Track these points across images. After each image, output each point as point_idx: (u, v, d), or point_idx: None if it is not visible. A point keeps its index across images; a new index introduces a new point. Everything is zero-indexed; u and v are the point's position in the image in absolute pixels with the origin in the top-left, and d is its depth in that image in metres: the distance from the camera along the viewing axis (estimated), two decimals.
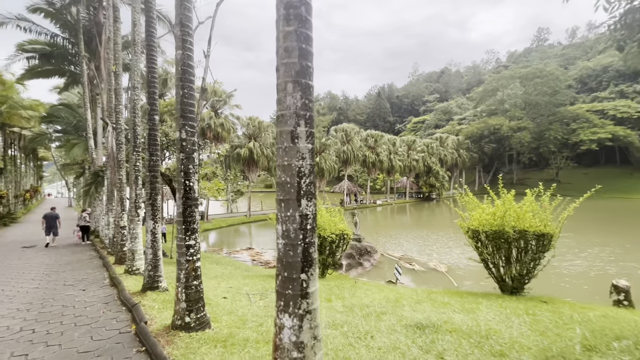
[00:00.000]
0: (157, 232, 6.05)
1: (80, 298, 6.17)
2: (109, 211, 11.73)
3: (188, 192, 4.13)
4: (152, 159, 6.01)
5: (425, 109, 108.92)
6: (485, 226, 6.81)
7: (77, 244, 15.24)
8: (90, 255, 11.95)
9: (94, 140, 15.83)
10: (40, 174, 63.00)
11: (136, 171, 7.90)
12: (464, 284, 12.35)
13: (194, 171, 4.20)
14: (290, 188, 2.07)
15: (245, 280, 8.14)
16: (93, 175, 14.93)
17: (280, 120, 2.10)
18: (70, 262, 10.50)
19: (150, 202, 6.00)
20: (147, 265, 5.99)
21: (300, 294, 2.06)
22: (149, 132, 6.01)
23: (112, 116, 11.77)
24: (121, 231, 9.59)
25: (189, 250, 4.12)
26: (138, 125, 7.97)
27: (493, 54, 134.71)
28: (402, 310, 5.12)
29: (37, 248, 14.20)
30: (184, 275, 4.08)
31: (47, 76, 19.47)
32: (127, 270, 7.83)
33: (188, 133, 4.13)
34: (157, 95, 6.14)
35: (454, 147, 56.43)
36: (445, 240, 20.18)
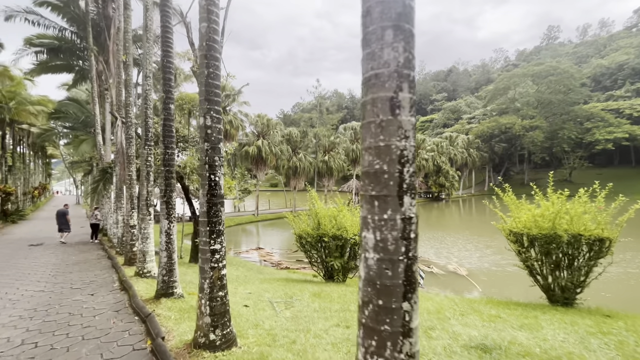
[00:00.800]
0: (172, 233, 5.49)
1: (88, 304, 5.64)
2: (118, 209, 11.25)
3: (213, 188, 3.55)
4: (167, 152, 5.45)
5: (433, 107, 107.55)
6: (532, 229, 6.13)
7: (85, 242, 14.83)
8: (98, 255, 11.49)
9: (102, 136, 15.41)
10: (49, 172, 63.39)
11: (148, 167, 7.36)
12: (490, 290, 11.63)
13: (220, 164, 3.62)
14: (388, 180, 1.46)
15: (264, 285, 7.56)
16: (101, 172, 14.50)
17: (372, 84, 1.48)
18: (78, 262, 10.04)
19: (165, 199, 5.44)
20: (161, 269, 5.43)
21: (401, 330, 1.44)
22: (164, 122, 5.45)
23: (121, 110, 11.29)
24: (131, 230, 9.08)
25: (214, 255, 3.54)
26: (150, 118, 7.44)
27: (501, 52, 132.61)
28: (450, 325, 4.49)
29: (44, 246, 13.82)
30: (209, 285, 3.50)
31: (55, 71, 19.14)
32: (137, 273, 7.30)
33: (213, 119, 3.54)
34: (173, 82, 5.57)
35: (464, 146, 55.34)
36: (463, 243, 19.42)
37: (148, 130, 7.39)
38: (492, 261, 15.35)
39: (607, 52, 75.14)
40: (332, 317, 4.86)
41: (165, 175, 5.44)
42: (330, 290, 6.79)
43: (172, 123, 5.51)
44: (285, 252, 19.53)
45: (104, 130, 16.08)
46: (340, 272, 8.85)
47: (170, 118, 5.49)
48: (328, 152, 36.56)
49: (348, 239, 8.45)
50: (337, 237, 8.48)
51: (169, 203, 5.47)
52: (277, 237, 26.36)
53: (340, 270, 8.78)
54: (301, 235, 9.16)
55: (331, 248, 8.61)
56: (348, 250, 8.68)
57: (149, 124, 7.42)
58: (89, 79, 19.12)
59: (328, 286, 7.78)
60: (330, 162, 36.01)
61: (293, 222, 9.63)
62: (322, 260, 8.99)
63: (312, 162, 34.75)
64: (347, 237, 8.44)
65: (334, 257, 8.64)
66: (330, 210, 9.13)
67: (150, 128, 7.44)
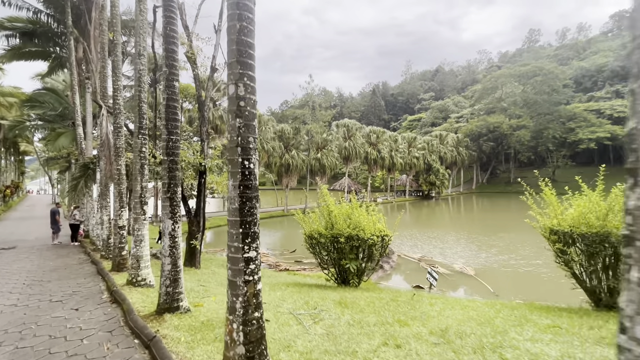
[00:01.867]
0: (177, 235, 4.59)
1: (73, 322, 4.67)
2: (103, 208, 10.11)
3: (247, 178, 2.72)
4: (171, 138, 4.55)
5: (421, 107, 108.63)
6: (579, 227, 5.58)
7: (63, 245, 13.49)
8: (79, 259, 10.31)
9: (82, 128, 14.05)
10: (22, 169, 59.67)
11: (142, 158, 6.38)
12: (505, 292, 11.19)
13: (255, 146, 2.79)
14: None
15: (277, 293, 6.73)
16: (82, 167, 13.20)
17: None
18: (56, 269, 8.87)
19: (168, 195, 4.54)
20: (164, 279, 4.53)
21: None
22: (167, 103, 4.54)
23: (106, 98, 10.15)
24: (120, 232, 8.03)
25: (249, 265, 2.72)
26: (144, 103, 6.46)
27: (485, 54, 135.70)
28: (515, 341, 3.83)
29: (17, 250, 12.43)
30: (242, 305, 2.67)
31: (29, 58, 17.46)
32: (130, 281, 6.32)
33: (248, 88, 2.71)
34: (177, 55, 4.66)
35: (454, 145, 55.83)
36: (465, 242, 19.09)
37: (142, 117, 6.41)
38: (499, 261, 15.00)
39: (587, 55, 77.78)
40: (373, 333, 4.12)
41: (168, 167, 4.54)
42: (354, 298, 6.05)
43: (176, 104, 4.61)
44: (281, 253, 18.65)
45: (85, 122, 14.71)
46: (356, 275, 8.12)
47: (174, 98, 4.59)
48: (321, 149, 35.80)
49: (365, 240, 7.73)
50: (353, 238, 7.74)
51: (174, 200, 4.57)
52: (270, 237, 25.40)
53: (356, 273, 8.06)
54: (312, 235, 8.38)
55: (345, 249, 7.87)
56: (366, 251, 7.96)
57: (143, 110, 6.44)
58: (67, 67, 17.62)
59: (347, 292, 7.05)
60: (323, 159, 35.27)
61: (303, 222, 8.82)
62: (335, 262, 8.24)
63: (305, 159, 33.90)
64: (365, 237, 7.72)
65: (349, 259, 7.90)
66: (343, 208, 8.39)
67: (144, 114, 6.46)
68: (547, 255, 15.20)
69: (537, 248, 16.58)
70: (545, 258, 14.70)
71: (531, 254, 15.67)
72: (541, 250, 15.89)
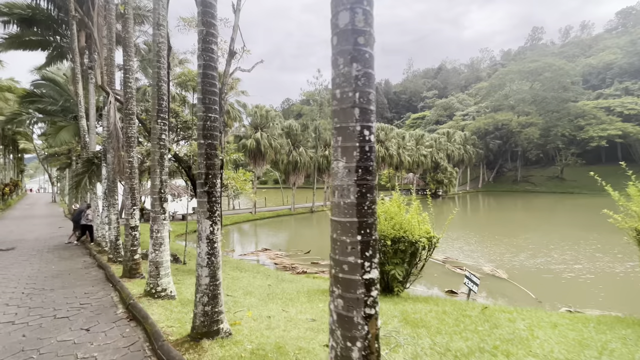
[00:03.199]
0: (216, 240, 3.63)
1: (85, 350, 3.71)
2: (111, 206, 9.14)
3: (367, 157, 1.77)
4: (209, 116, 3.58)
5: (424, 105, 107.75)
6: None
7: (65, 247, 12.52)
8: (84, 263, 9.34)
9: (86, 121, 13.06)
10: (21, 167, 58.66)
11: (161, 147, 5.41)
12: (551, 299, 10.24)
13: (375, 110, 1.83)
14: None
15: (318, 304, 5.77)
16: (86, 163, 12.23)
17: None
18: (60, 274, 7.91)
19: (206, 189, 3.57)
20: (200, 295, 3.57)
21: None
22: (204, 72, 3.57)
23: (113, 85, 9.17)
24: (132, 233, 7.07)
25: (370, 292, 1.76)
26: (163, 81, 5.49)
27: (487, 52, 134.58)
28: None
29: (17, 251, 11.47)
30: (362, 353, 1.71)
31: (28, 47, 16.43)
32: (148, 292, 5.36)
33: (368, 17, 1.75)
34: (216, 10, 3.68)
35: (461, 142, 54.86)
36: (490, 243, 18.09)
37: (161, 99, 5.44)
38: (536, 264, 14.01)
39: (593, 53, 76.75)
40: None
41: (206, 152, 3.57)
42: (415, 311, 5.10)
43: (215, 72, 3.64)
44: (294, 254, 17.68)
45: (88, 115, 13.72)
46: (401, 282, 7.18)
47: (212, 65, 3.62)
48: (328, 146, 34.78)
49: (415, 242, 6.78)
50: (400, 240, 6.79)
51: (212, 195, 3.60)
52: (278, 238, 24.46)
53: (401, 280, 7.11)
54: None
55: (389, 253, 6.92)
56: (412, 255, 7.01)
57: (163, 90, 5.46)
58: (67, 57, 16.63)
59: (398, 303, 6.09)
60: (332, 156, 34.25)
61: None
62: None
63: (313, 157, 32.91)
64: (413, 239, 6.77)
65: (393, 264, 6.95)
66: (385, 205, 7.43)
67: (164, 95, 5.49)
68: (587, 259, 14.28)
69: (572, 251, 15.70)
70: (587, 262, 13.81)
71: (568, 258, 14.71)
72: (578, 253, 15.11)
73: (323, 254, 17.50)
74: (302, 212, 34.50)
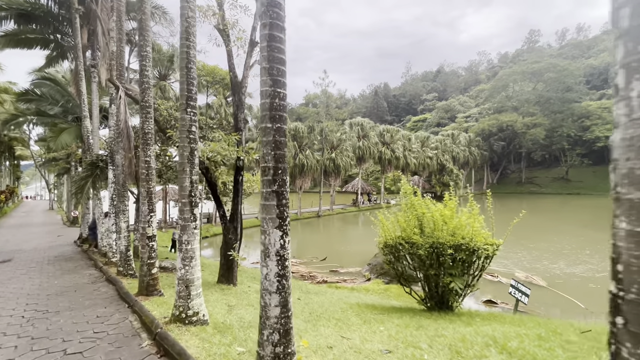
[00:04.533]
0: (288, 257, 2.73)
1: None
2: (120, 212, 8.21)
3: None
4: (277, 92, 2.70)
5: (424, 107, 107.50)
6: None
7: (67, 257, 11.52)
8: (91, 277, 8.37)
9: (90, 120, 12.15)
10: (17, 174, 57.36)
11: (191, 141, 4.53)
12: (594, 308, 9.34)
13: None
14: None
15: (377, 326, 4.84)
16: (89, 166, 11.30)
17: None
18: (65, 291, 6.94)
19: (275, 188, 2.68)
20: (269, 332, 2.65)
21: None
22: (270, 33, 2.70)
23: (122, 79, 8.30)
24: (149, 244, 6.14)
25: None
26: (193, 62, 4.62)
27: (484, 55, 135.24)
28: None
29: (14, 263, 10.49)
30: None
31: (26, 46, 15.52)
32: (177, 317, 4.42)
33: None
34: None
35: (466, 144, 54.26)
36: (515, 249, 17.20)
37: (191, 84, 4.57)
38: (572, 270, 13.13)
39: (592, 54, 76.82)
40: None
41: (274, 140, 2.68)
42: (505, 337, 4.18)
43: (282, 34, 2.77)
44: (310, 261, 16.72)
45: (92, 116, 12.82)
46: (459, 296, 6.28)
47: (279, 25, 2.75)
48: (335, 149, 33.97)
49: (477, 250, 5.91)
50: (461, 248, 5.91)
51: (282, 195, 2.71)
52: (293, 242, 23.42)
53: (459, 294, 6.22)
54: (396, 244, 6.54)
55: (446, 262, 6.03)
56: (474, 265, 6.12)
57: (192, 74, 4.59)
58: (67, 56, 15.75)
59: (467, 322, 5.19)
60: (338, 159, 33.44)
61: (381, 226, 6.98)
62: (430, 279, 6.39)
63: (319, 159, 32.05)
64: (476, 246, 5.90)
65: (451, 276, 6.06)
66: (439, 209, 6.57)
67: (193, 80, 4.61)
68: None
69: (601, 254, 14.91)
70: None
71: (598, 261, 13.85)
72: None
73: (339, 260, 16.57)
74: (309, 216, 33.55)
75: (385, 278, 12.67)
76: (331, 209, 36.23)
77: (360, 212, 38.71)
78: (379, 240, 7.18)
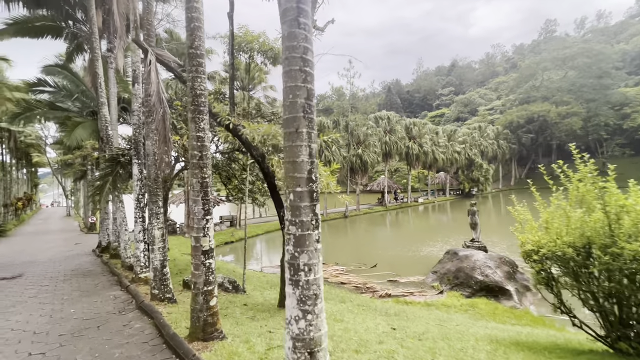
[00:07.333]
0: None
1: None
2: (153, 216, 6.22)
3: None
4: None
5: (440, 102, 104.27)
6: None
7: (85, 272, 9.68)
8: (116, 301, 6.42)
9: (108, 109, 10.31)
10: (35, 181, 57.24)
11: (307, 81, 2.42)
12: None
13: None
14: None
15: None
16: (109, 162, 9.44)
17: None
18: (84, 326, 4.99)
19: None
20: None
21: None
22: None
23: (151, 39, 6.35)
24: (205, 261, 4.10)
25: None
26: None
27: (499, 47, 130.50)
28: None
29: (24, 280, 8.72)
30: None
31: (37, 34, 13.92)
32: None
33: None
34: None
35: (494, 137, 51.16)
36: None
37: None
38: None
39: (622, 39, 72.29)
40: None
41: None
42: None
43: None
44: (357, 268, 14.48)
45: (109, 106, 11.01)
46: None
47: None
48: (362, 144, 31.72)
49: None
50: None
51: None
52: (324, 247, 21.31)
53: None
54: (576, 254, 4.30)
55: None
56: None
57: None
58: (84, 49, 14.08)
59: None
60: (365, 155, 31.19)
61: (548, 226, 4.78)
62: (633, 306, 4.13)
63: (346, 156, 29.89)
64: None
65: None
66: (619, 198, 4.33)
67: None
68: None
69: None
70: None
71: None
72: None
73: (388, 267, 14.35)
74: (335, 217, 31.43)
75: (463, 290, 10.39)
76: (358, 208, 33.97)
77: (388, 211, 36.32)
78: (524, 249, 4.96)
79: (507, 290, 9.82)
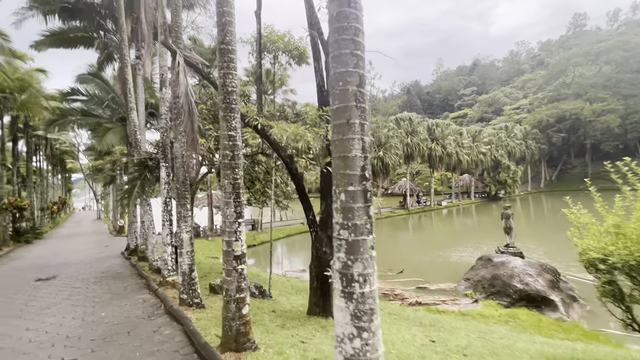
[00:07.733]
0: None
1: None
2: (181, 220, 6.13)
3: None
4: None
5: (462, 103, 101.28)
6: None
7: (116, 275, 9.83)
8: (145, 304, 6.38)
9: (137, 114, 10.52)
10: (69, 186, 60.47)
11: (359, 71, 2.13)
12: None
13: None
14: None
15: None
16: (138, 166, 9.57)
17: None
18: (115, 331, 4.92)
19: None
20: None
21: None
22: None
23: (180, 41, 6.31)
24: (237, 267, 3.89)
25: None
26: None
27: (524, 44, 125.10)
28: None
29: (57, 281, 8.96)
30: None
31: (70, 45, 14.60)
32: None
33: None
34: None
35: (522, 137, 48.85)
36: None
37: None
38: None
39: None
40: None
41: None
42: None
43: None
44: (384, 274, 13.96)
45: (138, 112, 11.23)
46: None
47: None
48: (383, 146, 31.12)
49: None
50: None
51: None
52: None
53: None
54: None
55: None
56: None
57: None
58: (114, 58, 14.61)
59: None
60: (386, 158, 30.56)
61: (619, 232, 4.26)
62: None
63: None
64: None
65: None
66: None
67: None
68: None
69: None
70: None
71: None
72: None
73: (416, 273, 13.75)
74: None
75: (501, 299, 9.69)
76: (379, 212, 33.29)
77: (410, 215, 35.35)
78: (587, 257, 4.43)
79: (552, 301, 9.04)
